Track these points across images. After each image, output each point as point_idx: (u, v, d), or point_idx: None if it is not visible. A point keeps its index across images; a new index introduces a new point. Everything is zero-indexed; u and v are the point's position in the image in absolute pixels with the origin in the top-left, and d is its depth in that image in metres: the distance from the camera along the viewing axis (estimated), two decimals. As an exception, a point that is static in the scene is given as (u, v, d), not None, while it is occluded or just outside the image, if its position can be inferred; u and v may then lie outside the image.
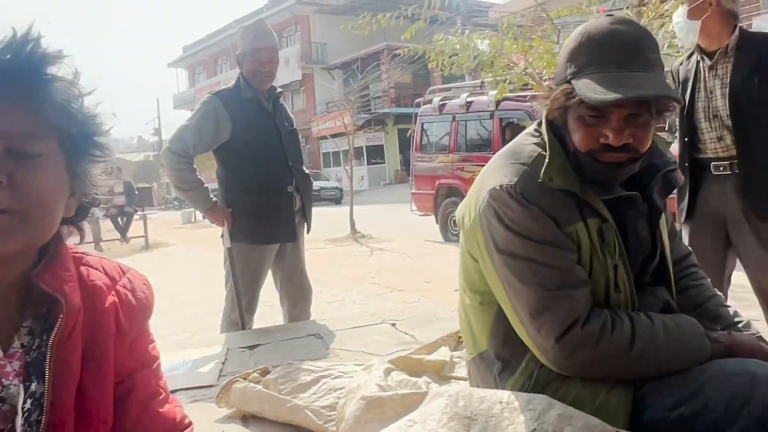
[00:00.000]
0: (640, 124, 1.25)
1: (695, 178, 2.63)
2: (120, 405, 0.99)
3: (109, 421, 0.96)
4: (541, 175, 1.28)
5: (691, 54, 2.67)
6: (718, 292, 1.54)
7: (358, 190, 24.08)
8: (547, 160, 1.30)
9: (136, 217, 13.44)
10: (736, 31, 2.52)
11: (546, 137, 1.35)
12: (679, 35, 2.64)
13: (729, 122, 2.51)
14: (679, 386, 1.19)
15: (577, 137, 1.29)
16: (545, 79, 5.85)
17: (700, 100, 2.60)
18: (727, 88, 2.51)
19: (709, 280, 1.59)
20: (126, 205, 12.89)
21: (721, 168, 2.56)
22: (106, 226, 13.05)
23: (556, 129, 1.36)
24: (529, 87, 6.83)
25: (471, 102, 9.77)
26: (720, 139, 2.56)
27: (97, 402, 0.94)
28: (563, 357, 1.24)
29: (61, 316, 0.89)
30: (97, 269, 1.01)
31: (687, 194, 2.64)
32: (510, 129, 8.94)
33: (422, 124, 10.75)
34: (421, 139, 10.73)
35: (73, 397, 0.90)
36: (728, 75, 2.51)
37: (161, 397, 1.07)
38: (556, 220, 1.27)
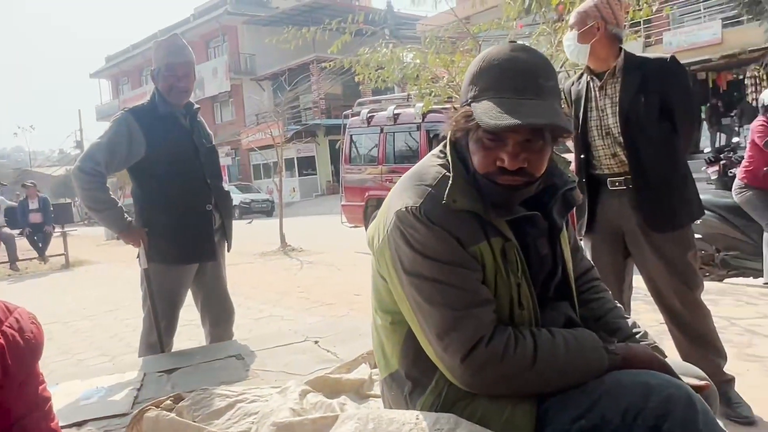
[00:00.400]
0: (535, 150, 1.29)
1: (593, 193, 2.75)
2: None
3: None
4: (445, 196, 1.30)
5: (582, 74, 2.81)
6: (618, 305, 1.60)
7: (289, 202, 23.92)
8: (450, 182, 1.32)
9: (55, 233, 12.86)
10: (622, 53, 2.66)
11: (450, 158, 1.38)
12: (570, 57, 2.76)
13: (621, 139, 2.64)
14: (579, 400, 1.22)
15: (476, 159, 1.32)
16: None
17: (592, 119, 2.73)
18: (617, 107, 2.64)
19: (610, 292, 1.65)
20: (43, 222, 12.30)
21: (617, 183, 2.69)
22: (24, 245, 12.44)
23: (460, 150, 1.38)
24: (453, 99, 6.97)
25: (398, 114, 9.88)
26: (614, 155, 2.69)
27: None
28: (469, 375, 1.26)
29: None
30: None
31: (586, 209, 2.76)
32: (437, 140, 9.05)
33: (351, 135, 10.78)
34: (350, 151, 10.75)
35: None
36: (617, 94, 2.65)
37: None
38: (460, 240, 1.29)
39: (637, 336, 1.47)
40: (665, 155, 2.64)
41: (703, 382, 1.32)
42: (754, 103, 16.62)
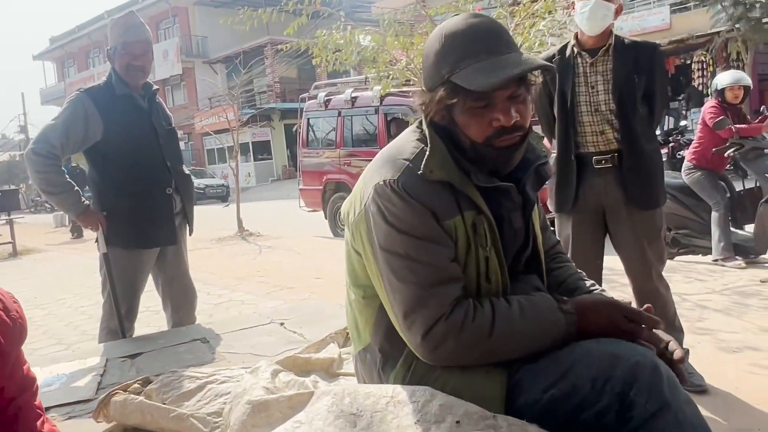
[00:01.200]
0: (522, 101, 1.34)
1: (577, 172, 2.74)
2: (7, 430, 0.94)
3: None
4: (422, 167, 1.32)
5: (563, 49, 2.80)
6: (580, 271, 1.64)
7: (245, 187, 23.61)
8: (427, 153, 1.35)
9: (1, 221, 12.44)
10: (613, 33, 2.70)
11: (427, 133, 1.40)
12: (587, 25, 2.65)
13: (610, 117, 2.67)
14: (550, 370, 1.26)
15: (471, 130, 1.34)
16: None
17: (581, 94, 2.72)
18: (610, 84, 2.66)
19: (588, 267, 1.69)
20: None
21: (603, 161, 2.71)
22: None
23: (438, 126, 1.40)
24: (411, 83, 6.98)
25: (356, 97, 9.83)
26: (602, 133, 2.70)
27: None
28: (430, 351, 1.29)
29: None
30: None
31: (567, 186, 2.75)
32: (395, 123, 9.09)
33: (308, 119, 10.69)
34: (308, 135, 10.67)
35: None
36: (609, 72, 2.67)
37: (42, 418, 1.03)
38: (435, 214, 1.31)
39: (594, 292, 1.52)
40: (649, 136, 2.71)
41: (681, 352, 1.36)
42: (700, 88, 17.15)
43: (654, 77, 2.67)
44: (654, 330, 1.32)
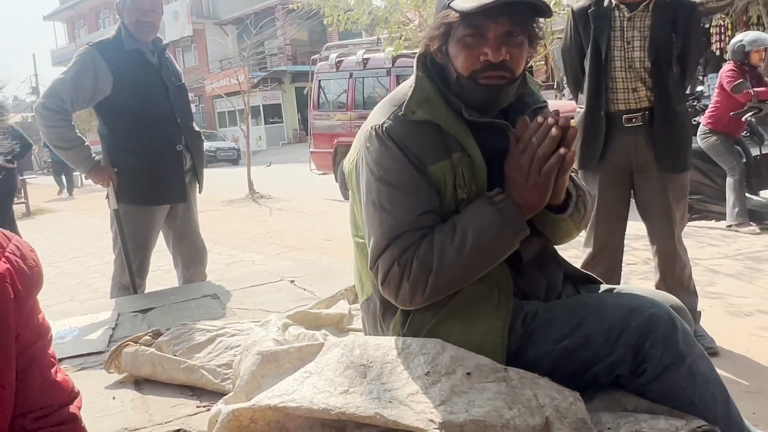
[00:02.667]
0: (515, 44, 1.30)
1: (606, 131, 2.66)
2: (21, 377, 0.95)
3: (12, 386, 0.93)
4: (403, 108, 1.31)
5: (600, 0, 2.68)
6: None
7: (255, 150, 23.54)
8: (409, 93, 1.32)
9: (14, 181, 12.51)
10: None
11: (415, 73, 1.37)
12: None
13: (644, 74, 2.60)
14: (563, 322, 1.25)
15: (459, 61, 1.31)
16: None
17: (616, 49, 2.63)
18: (647, 41, 2.58)
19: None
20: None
21: (633, 120, 2.64)
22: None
23: (433, 65, 1.38)
24: (424, 44, 6.87)
25: (368, 59, 9.71)
26: (634, 90, 2.63)
27: (4, 369, 0.91)
28: (393, 296, 1.31)
29: None
30: None
31: (594, 143, 2.67)
32: (406, 85, 8.98)
33: (319, 81, 10.58)
34: (319, 97, 10.58)
35: None
36: (647, 28, 2.58)
37: (55, 367, 1.04)
38: (420, 160, 1.29)
39: None
40: (680, 97, 2.65)
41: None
42: (718, 53, 16.79)
43: (690, 38, 2.60)
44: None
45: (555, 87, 12.94)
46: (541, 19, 1.35)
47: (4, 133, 0.91)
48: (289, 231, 7.42)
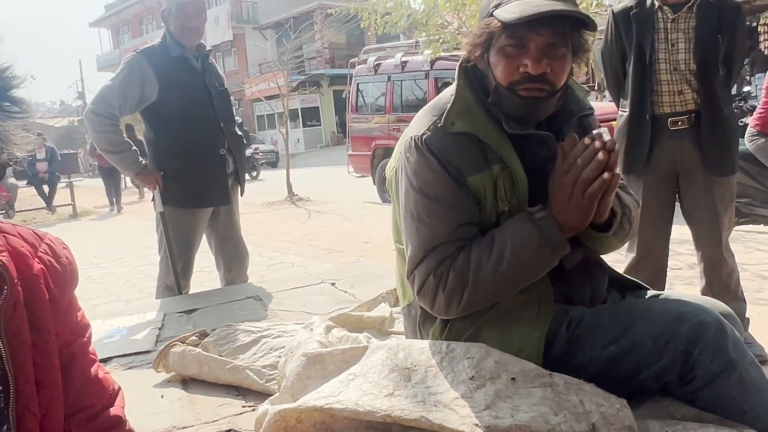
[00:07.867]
0: (557, 56, 1.27)
1: (650, 135, 2.60)
2: (63, 375, 0.97)
3: (59, 386, 0.95)
4: (443, 120, 1.30)
5: (642, 1, 2.62)
6: None
7: (294, 153, 23.73)
8: (449, 105, 1.32)
9: (61, 184, 12.88)
10: None
11: (456, 83, 1.37)
12: None
13: (690, 77, 2.55)
14: (610, 327, 1.23)
15: (498, 71, 1.30)
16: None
17: (661, 51, 2.58)
18: (692, 43, 2.53)
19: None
20: (49, 172, 12.30)
21: (679, 123, 2.58)
22: (32, 197, 12.48)
23: (475, 74, 1.38)
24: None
25: (406, 62, 9.71)
26: (680, 93, 2.57)
27: (48, 370, 0.92)
28: (429, 306, 1.32)
29: (5, 287, 0.85)
30: (14, 236, 0.96)
31: (639, 147, 2.62)
32: (446, 88, 8.96)
33: (357, 84, 10.64)
34: (357, 100, 10.63)
35: (32, 367, 0.89)
36: (692, 30, 2.53)
37: (96, 364, 1.06)
38: (460, 171, 1.29)
39: None
40: (727, 99, 2.60)
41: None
42: (766, 52, 16.31)
43: (736, 38, 2.54)
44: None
45: (596, 88, 12.75)
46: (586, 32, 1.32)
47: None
48: (327, 233, 7.47)
